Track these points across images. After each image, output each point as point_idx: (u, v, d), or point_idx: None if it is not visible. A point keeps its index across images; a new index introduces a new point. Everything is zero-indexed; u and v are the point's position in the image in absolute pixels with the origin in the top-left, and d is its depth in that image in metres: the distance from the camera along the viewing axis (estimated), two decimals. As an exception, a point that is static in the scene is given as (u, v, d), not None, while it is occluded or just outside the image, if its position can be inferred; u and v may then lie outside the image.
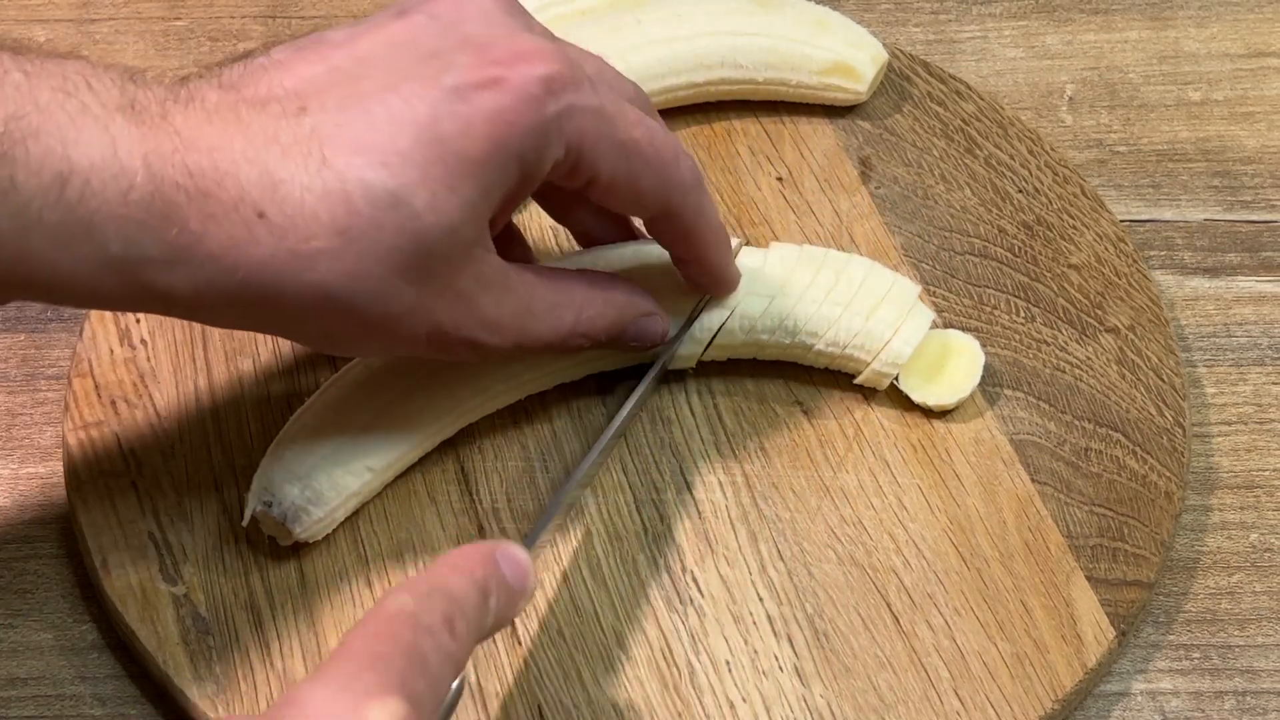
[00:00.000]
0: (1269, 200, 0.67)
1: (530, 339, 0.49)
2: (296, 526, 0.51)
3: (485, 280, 0.47)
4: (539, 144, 0.45)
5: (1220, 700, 0.53)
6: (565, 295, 0.50)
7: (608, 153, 0.47)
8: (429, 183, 0.43)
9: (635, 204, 0.49)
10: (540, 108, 0.44)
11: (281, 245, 0.43)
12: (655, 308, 0.53)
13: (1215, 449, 0.59)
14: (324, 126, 0.43)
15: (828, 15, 0.65)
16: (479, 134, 0.44)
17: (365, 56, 0.45)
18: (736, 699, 0.50)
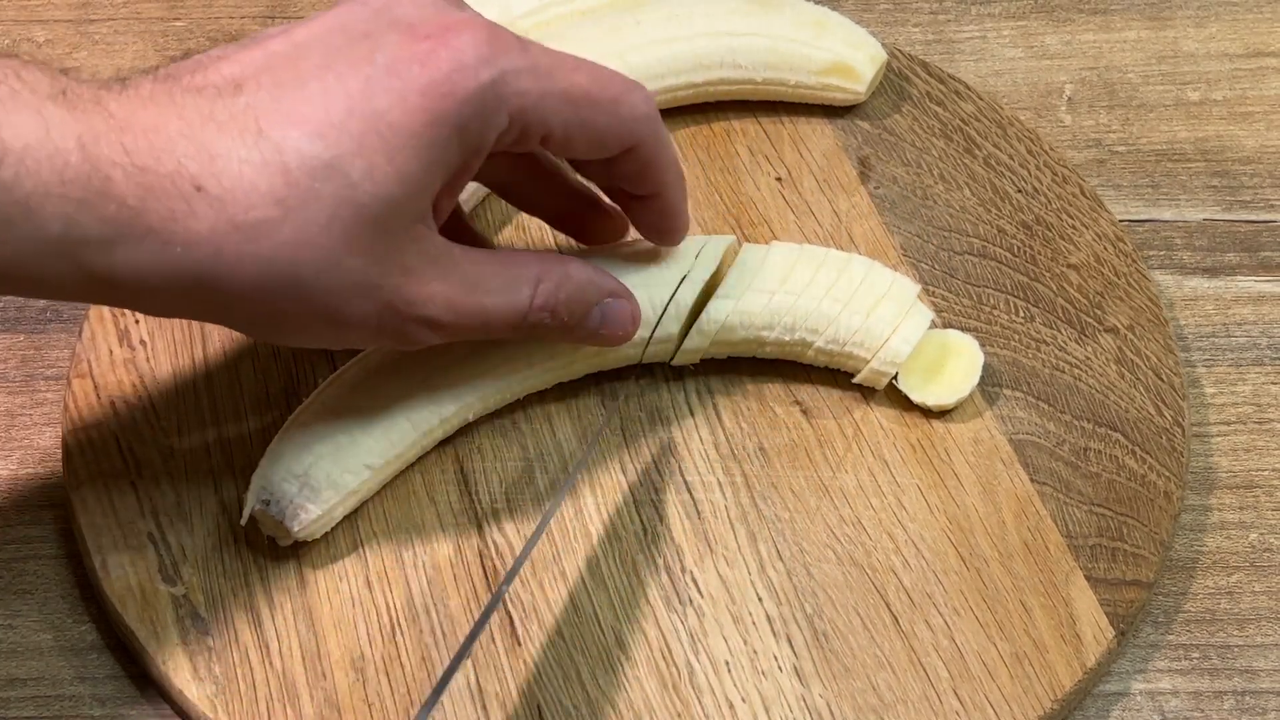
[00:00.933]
0: (1268, 200, 0.67)
1: (490, 316, 0.48)
2: (295, 525, 0.51)
3: (432, 257, 0.46)
4: (479, 113, 0.44)
5: (1219, 700, 0.53)
6: (520, 269, 0.49)
7: (555, 107, 0.46)
8: (365, 153, 0.43)
9: (599, 147, 0.49)
10: (475, 75, 0.44)
11: (221, 217, 0.42)
12: (623, 290, 0.52)
13: (1214, 449, 0.59)
14: (260, 103, 0.43)
15: (826, 15, 0.65)
16: (414, 106, 0.44)
17: (301, 43, 0.45)
18: (736, 699, 0.50)
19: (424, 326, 0.47)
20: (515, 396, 0.55)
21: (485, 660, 0.51)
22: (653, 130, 0.50)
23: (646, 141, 0.50)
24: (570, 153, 0.49)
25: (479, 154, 0.46)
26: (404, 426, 0.52)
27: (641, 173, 0.51)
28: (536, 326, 0.50)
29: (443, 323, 0.47)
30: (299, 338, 0.48)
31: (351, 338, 0.47)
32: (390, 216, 0.44)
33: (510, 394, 0.55)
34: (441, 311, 0.47)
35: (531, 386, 0.55)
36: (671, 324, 0.54)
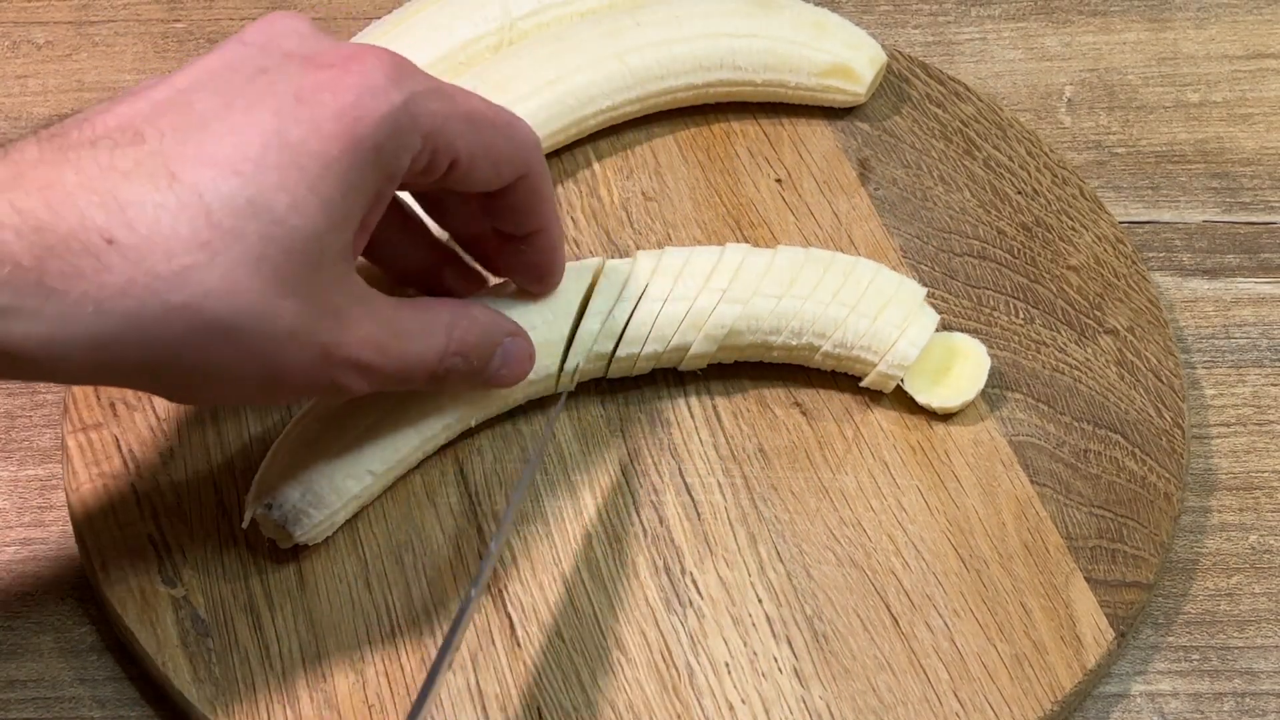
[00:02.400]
0: (1268, 202, 0.67)
1: (411, 360, 0.47)
2: (297, 529, 0.51)
3: (358, 298, 0.45)
4: (393, 135, 0.43)
5: (1219, 702, 0.53)
6: (431, 314, 0.48)
7: (461, 129, 0.46)
8: (287, 186, 0.41)
9: (496, 173, 0.48)
10: (386, 98, 0.43)
11: (140, 269, 0.40)
12: (519, 328, 0.52)
13: (1214, 450, 0.59)
14: (166, 148, 0.41)
15: (826, 17, 0.65)
16: (329, 133, 0.42)
17: (189, 87, 0.43)
18: (736, 701, 0.50)
19: (356, 373, 0.45)
20: (518, 403, 0.55)
21: (485, 662, 0.51)
22: (540, 159, 0.49)
23: (535, 169, 0.49)
24: (470, 181, 0.47)
25: (394, 180, 0.45)
26: (407, 432, 0.52)
27: (528, 205, 0.50)
28: (450, 372, 0.49)
29: (375, 367, 0.46)
30: (229, 394, 0.45)
31: (285, 390, 0.45)
32: (318, 252, 0.42)
33: (513, 400, 0.55)
34: (374, 356, 0.45)
35: (535, 392, 0.55)
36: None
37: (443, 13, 0.64)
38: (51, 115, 0.68)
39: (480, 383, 0.51)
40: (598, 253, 0.61)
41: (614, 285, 0.55)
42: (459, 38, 0.63)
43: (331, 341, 0.44)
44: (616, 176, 0.64)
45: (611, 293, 0.54)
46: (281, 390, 0.44)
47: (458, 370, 0.49)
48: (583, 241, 0.62)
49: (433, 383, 0.49)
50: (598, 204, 0.63)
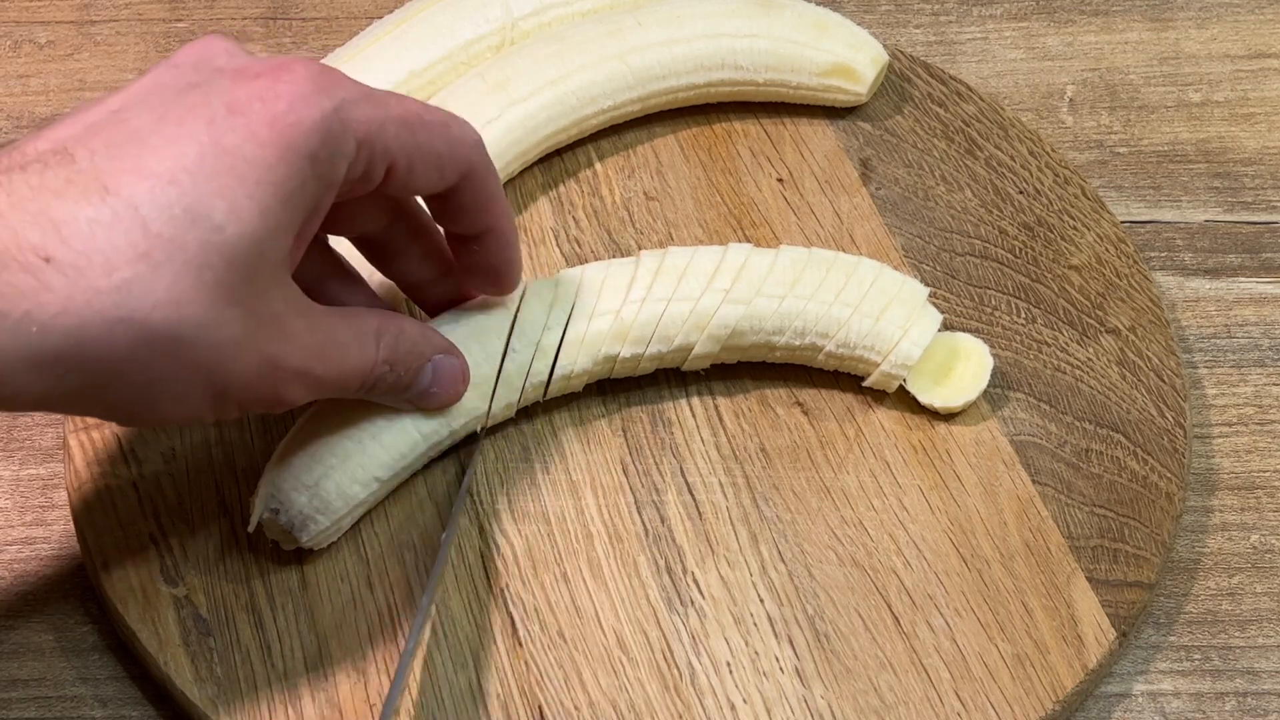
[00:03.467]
0: (1269, 201, 0.67)
1: (348, 368, 0.47)
2: (303, 535, 0.51)
3: (295, 306, 0.45)
4: (327, 140, 0.43)
5: (1221, 701, 0.53)
6: (362, 322, 0.48)
7: (395, 132, 0.45)
8: (225, 194, 0.41)
9: (439, 175, 0.48)
10: (317, 104, 0.43)
11: (79, 285, 0.39)
12: (453, 348, 0.51)
13: (1216, 450, 0.59)
14: (99, 164, 0.41)
15: (828, 17, 0.65)
16: (264, 139, 0.42)
17: (122, 107, 0.43)
18: (737, 700, 0.50)
19: (300, 382, 0.45)
20: (524, 404, 0.55)
21: (486, 661, 0.51)
22: (483, 157, 0.49)
23: (479, 167, 0.49)
24: (412, 185, 0.47)
25: (331, 188, 0.44)
26: (414, 438, 0.52)
27: (476, 203, 0.50)
28: (379, 381, 0.48)
29: (316, 376, 0.46)
30: (177, 411, 0.44)
31: (231, 404, 0.44)
32: (258, 258, 0.42)
33: (519, 404, 0.55)
34: (315, 363, 0.45)
35: (537, 397, 0.55)
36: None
37: (444, 13, 0.64)
38: (53, 114, 0.69)
39: (410, 399, 0.51)
40: (600, 254, 0.61)
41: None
42: (460, 37, 0.63)
43: (275, 351, 0.44)
44: (618, 176, 0.64)
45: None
46: (228, 404, 0.44)
47: (385, 380, 0.49)
48: (585, 241, 0.62)
49: (364, 392, 0.49)
50: (599, 204, 0.63)
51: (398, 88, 0.62)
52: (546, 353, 0.54)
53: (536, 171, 0.64)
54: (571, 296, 0.55)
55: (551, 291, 0.55)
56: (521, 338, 0.54)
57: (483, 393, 0.53)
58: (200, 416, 0.44)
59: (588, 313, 0.54)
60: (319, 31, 0.73)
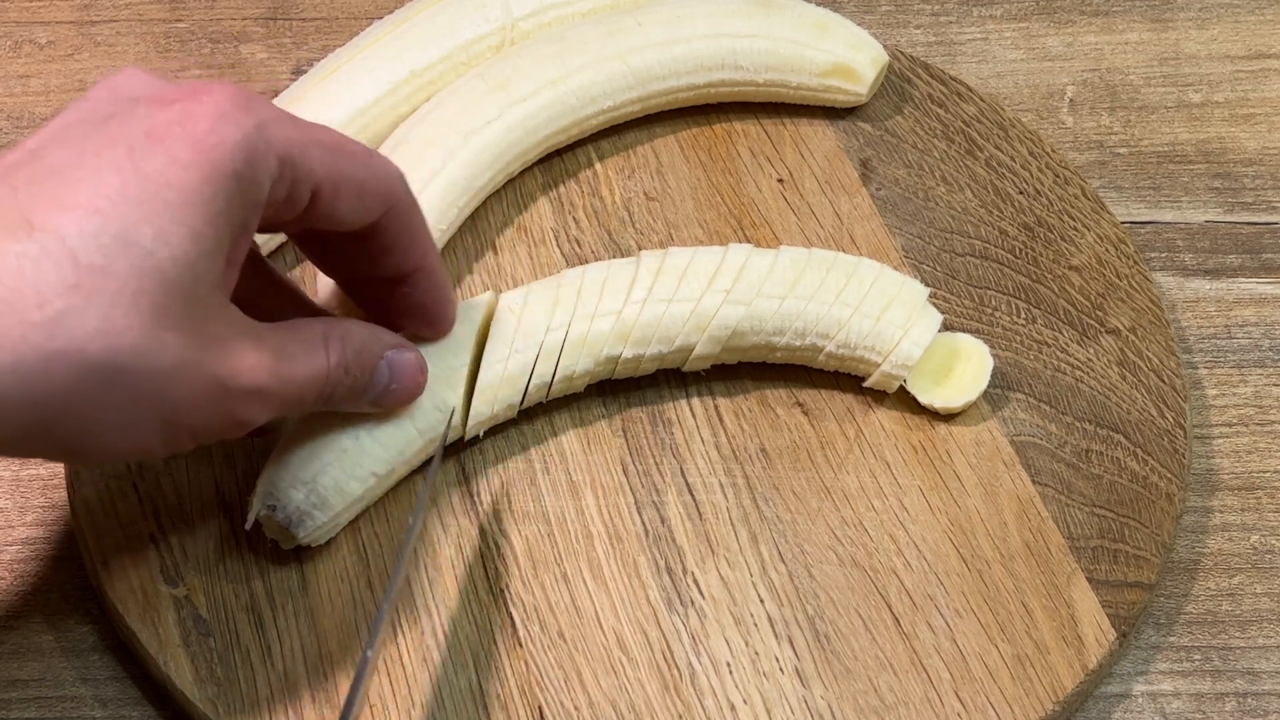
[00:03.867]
0: (1270, 202, 0.67)
1: (301, 380, 0.46)
2: (300, 531, 0.51)
3: (237, 325, 0.44)
4: (250, 158, 0.43)
5: (1221, 702, 0.53)
6: (308, 331, 0.47)
7: (319, 154, 0.45)
8: (152, 219, 0.41)
9: (362, 205, 0.47)
10: (239, 122, 0.43)
11: (12, 320, 0.39)
12: (403, 340, 0.51)
13: (1216, 450, 0.59)
14: (21, 200, 0.40)
15: (828, 17, 0.65)
16: (186, 161, 0.42)
17: (38, 146, 0.42)
18: (737, 700, 0.50)
19: (254, 401, 0.45)
20: (527, 405, 0.55)
21: (486, 661, 0.51)
22: (405, 191, 0.48)
23: (402, 200, 0.48)
24: (337, 213, 0.46)
25: (257, 208, 0.44)
26: (410, 434, 0.52)
27: (402, 240, 0.49)
28: (337, 387, 0.48)
29: (270, 392, 0.45)
30: (129, 445, 0.43)
31: (184, 431, 0.44)
32: (192, 281, 0.42)
33: (521, 405, 0.55)
34: (267, 379, 0.45)
35: (540, 398, 0.55)
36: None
37: (444, 13, 0.64)
38: (54, 114, 0.68)
39: (371, 401, 0.50)
40: (601, 254, 0.61)
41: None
42: (460, 37, 0.63)
43: (222, 372, 0.43)
44: (618, 176, 0.64)
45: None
46: (181, 432, 0.44)
47: (343, 384, 0.48)
48: (585, 241, 0.62)
49: (324, 401, 0.48)
50: (599, 204, 0.63)
51: (398, 88, 0.62)
52: (550, 353, 0.54)
53: (536, 171, 0.64)
54: (574, 297, 0.55)
55: (554, 291, 0.55)
56: (525, 338, 0.54)
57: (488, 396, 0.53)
58: (152, 449, 0.43)
59: (589, 313, 0.54)
60: (319, 31, 0.73)
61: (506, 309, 0.54)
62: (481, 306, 0.54)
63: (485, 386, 0.53)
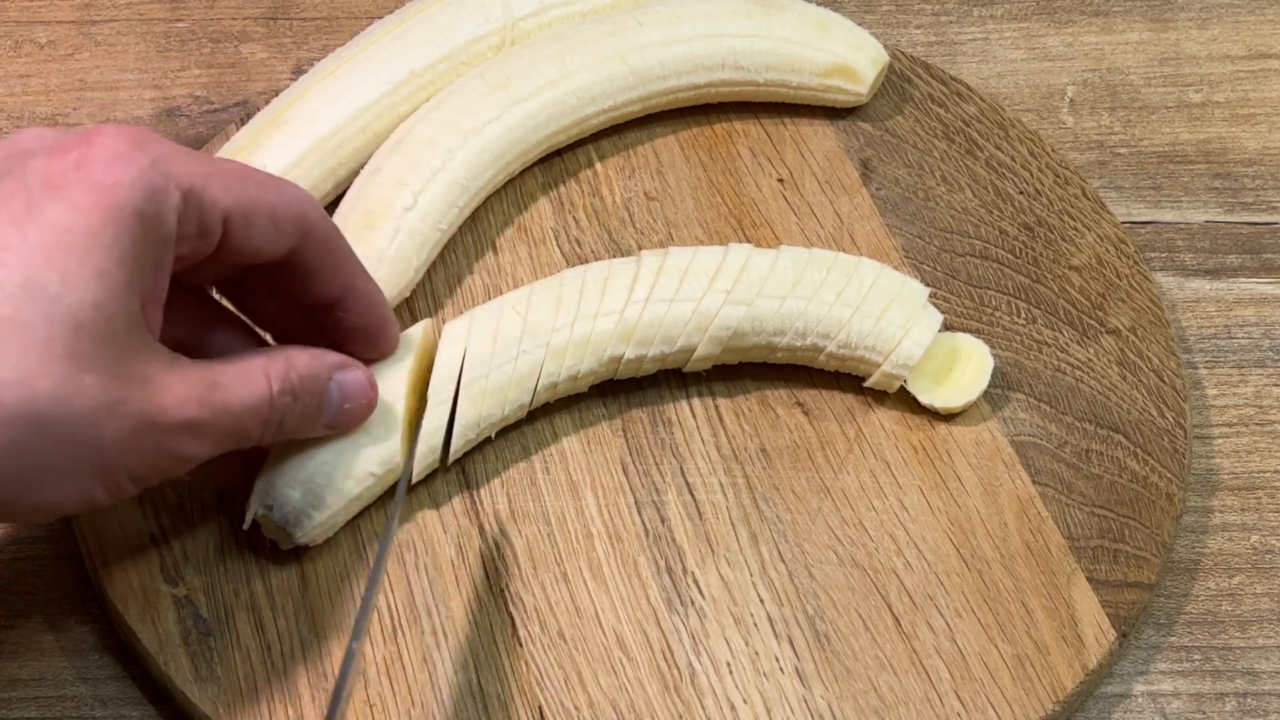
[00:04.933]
0: (1270, 202, 0.67)
1: (237, 409, 0.45)
2: (298, 531, 0.51)
3: (164, 362, 0.44)
4: (151, 195, 0.42)
5: (1221, 702, 0.53)
6: (246, 361, 0.47)
7: (224, 184, 0.45)
8: (57, 265, 0.41)
9: (277, 230, 0.46)
10: (135, 160, 0.42)
11: None
12: (349, 360, 0.50)
13: (1216, 450, 0.59)
14: None
15: (828, 17, 0.65)
16: (86, 205, 0.41)
17: None
18: (737, 700, 0.50)
19: (187, 435, 0.44)
20: (535, 405, 0.55)
21: (486, 661, 0.51)
22: (320, 214, 0.48)
23: (317, 223, 0.47)
24: (252, 242, 0.46)
25: (167, 243, 0.43)
26: (408, 432, 0.52)
27: (325, 263, 0.48)
28: (286, 415, 0.47)
29: (203, 424, 0.44)
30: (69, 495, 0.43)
31: (122, 473, 0.43)
32: (105, 321, 0.41)
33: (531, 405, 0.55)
34: (198, 411, 0.44)
35: (548, 398, 0.55)
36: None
37: (444, 13, 0.64)
38: (54, 114, 0.69)
39: (324, 424, 0.50)
40: (601, 254, 0.61)
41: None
42: (460, 37, 0.63)
43: (148, 408, 0.43)
44: (618, 176, 0.64)
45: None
46: (118, 474, 0.43)
47: (294, 412, 0.48)
48: (585, 241, 0.62)
49: (270, 430, 0.47)
50: (600, 204, 0.63)
51: (398, 88, 0.62)
52: (557, 353, 0.54)
53: (537, 171, 0.64)
54: (577, 296, 0.55)
55: (556, 291, 0.55)
56: (532, 338, 0.54)
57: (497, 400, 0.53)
58: (95, 498, 0.43)
59: (593, 312, 0.54)
60: (319, 31, 0.73)
61: (510, 309, 0.54)
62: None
63: (496, 388, 0.53)
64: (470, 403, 0.53)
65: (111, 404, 0.42)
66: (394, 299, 0.58)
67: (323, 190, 0.61)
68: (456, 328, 0.54)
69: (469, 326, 0.54)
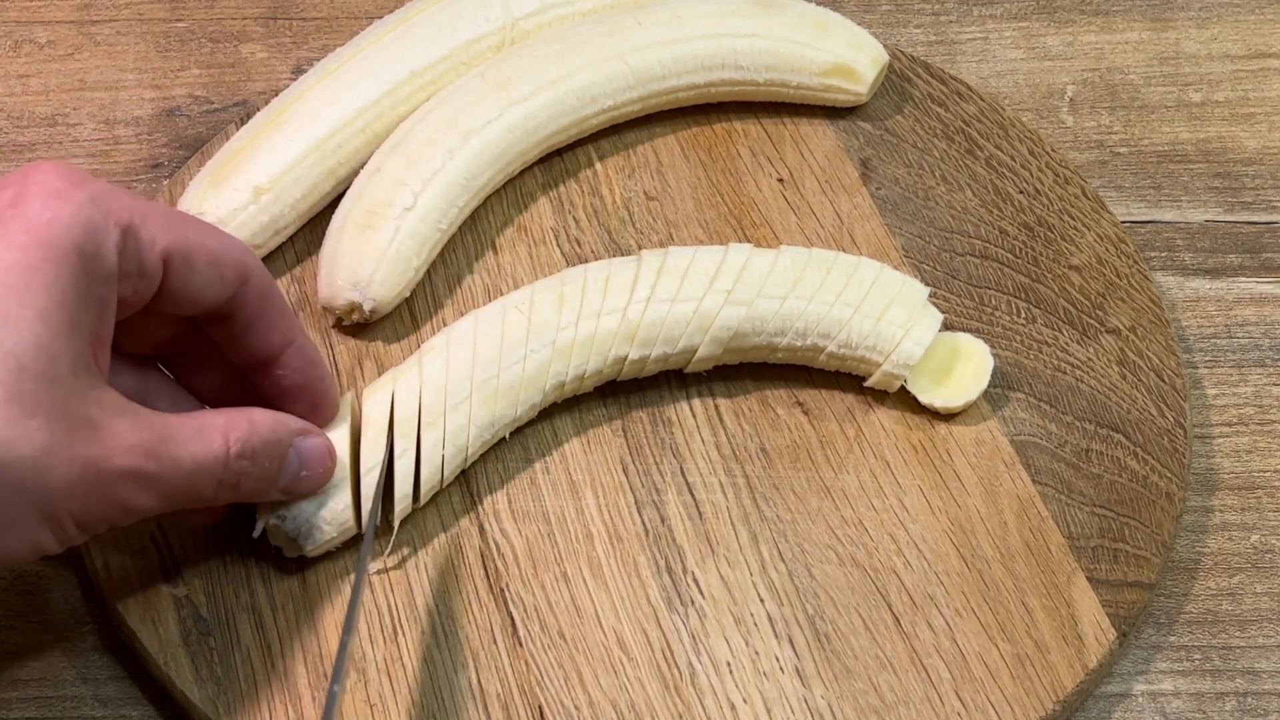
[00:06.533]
0: (1270, 201, 0.67)
1: (188, 465, 0.44)
2: (308, 544, 0.51)
3: (115, 408, 0.43)
4: (89, 232, 0.42)
5: (1221, 701, 0.53)
6: (205, 419, 0.46)
7: (162, 222, 0.44)
8: None
9: (217, 274, 0.46)
10: (71, 197, 0.42)
11: None
12: (310, 426, 0.49)
13: (1216, 450, 0.59)
14: None
15: (828, 17, 0.65)
16: (24, 244, 0.41)
17: None
18: (737, 700, 0.50)
19: (134, 484, 0.43)
20: (544, 405, 0.55)
21: (486, 660, 0.51)
22: (259, 264, 0.47)
23: (256, 271, 0.47)
24: (193, 285, 0.45)
25: (109, 280, 0.43)
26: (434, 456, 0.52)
27: (263, 314, 0.48)
28: (242, 478, 0.47)
29: (150, 475, 0.43)
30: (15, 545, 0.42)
31: (68, 520, 0.43)
32: (49, 364, 0.41)
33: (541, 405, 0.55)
34: (145, 461, 0.43)
35: (556, 398, 0.55)
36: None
37: (444, 12, 0.64)
38: (53, 114, 0.69)
39: (280, 489, 0.49)
40: (601, 254, 0.61)
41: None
42: (461, 37, 0.63)
43: (94, 453, 0.42)
44: (618, 176, 0.64)
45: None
46: (65, 522, 0.43)
47: (249, 475, 0.47)
48: (585, 241, 0.62)
49: (225, 491, 0.46)
50: (599, 203, 0.63)
51: (398, 87, 0.62)
52: (563, 352, 0.54)
53: (537, 171, 0.64)
54: (579, 295, 0.55)
55: (558, 290, 0.55)
56: (538, 337, 0.54)
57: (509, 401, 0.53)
58: (44, 545, 0.43)
59: (595, 311, 0.54)
60: (319, 31, 0.73)
61: (514, 309, 0.54)
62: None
63: (508, 388, 0.53)
64: (483, 403, 0.53)
65: (56, 447, 0.41)
66: (394, 299, 0.58)
67: (323, 190, 0.61)
68: (458, 330, 0.54)
69: (473, 328, 0.54)
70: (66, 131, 0.68)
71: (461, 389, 0.52)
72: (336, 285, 0.57)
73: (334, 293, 0.57)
